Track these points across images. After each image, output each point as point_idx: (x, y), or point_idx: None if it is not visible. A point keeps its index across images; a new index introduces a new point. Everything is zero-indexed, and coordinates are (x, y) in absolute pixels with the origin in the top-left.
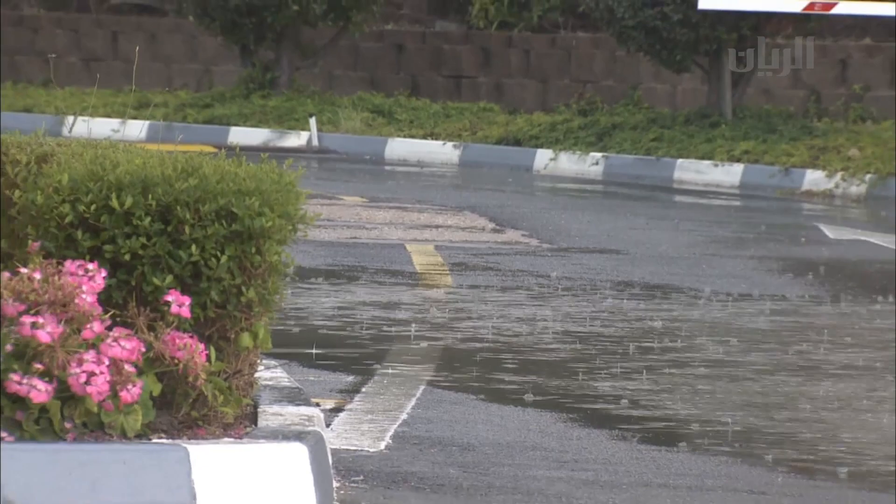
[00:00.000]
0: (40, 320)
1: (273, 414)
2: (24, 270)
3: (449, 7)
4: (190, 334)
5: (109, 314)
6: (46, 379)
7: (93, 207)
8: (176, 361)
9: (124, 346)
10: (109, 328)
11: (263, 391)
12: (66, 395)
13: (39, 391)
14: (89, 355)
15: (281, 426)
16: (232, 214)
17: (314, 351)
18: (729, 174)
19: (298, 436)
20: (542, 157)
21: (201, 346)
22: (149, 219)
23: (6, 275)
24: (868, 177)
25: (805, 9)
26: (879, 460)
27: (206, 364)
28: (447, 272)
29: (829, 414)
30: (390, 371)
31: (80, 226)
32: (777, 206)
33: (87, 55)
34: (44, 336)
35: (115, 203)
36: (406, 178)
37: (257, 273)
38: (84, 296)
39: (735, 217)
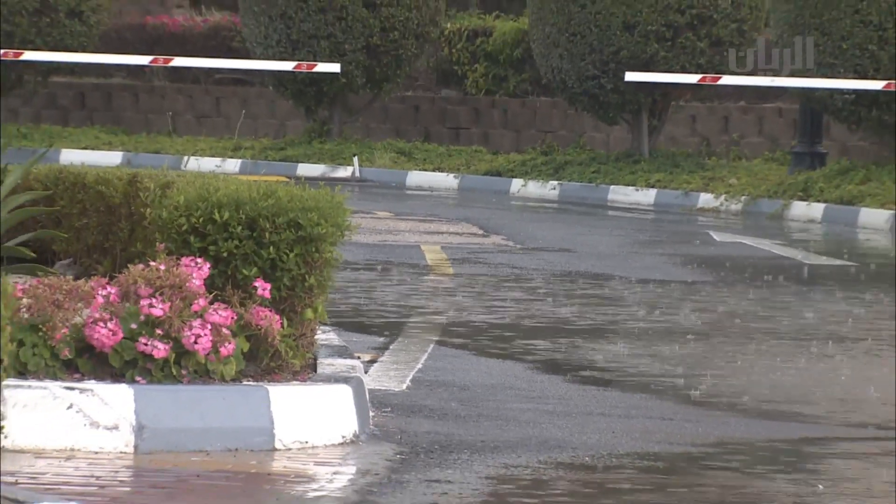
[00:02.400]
0: (154, 301)
1: (327, 364)
2: (152, 264)
3: (451, 79)
4: (269, 308)
5: (213, 294)
6: (166, 341)
7: (201, 219)
8: (259, 327)
9: (222, 315)
10: (212, 303)
11: (320, 348)
12: (182, 351)
13: (159, 349)
14: (197, 322)
15: (333, 373)
16: (299, 224)
17: (357, 320)
18: (646, 196)
19: (345, 379)
20: (516, 184)
21: (277, 317)
22: (240, 227)
23: (140, 266)
24: (743, 198)
25: (699, 80)
26: (755, 396)
27: (281, 329)
28: (450, 265)
29: (719, 362)
30: (410, 334)
31: (192, 233)
32: (680, 219)
33: (199, 114)
34: (157, 311)
35: (216, 216)
36: (421, 199)
37: (316, 265)
38: (194, 280)
39: (650, 226)
